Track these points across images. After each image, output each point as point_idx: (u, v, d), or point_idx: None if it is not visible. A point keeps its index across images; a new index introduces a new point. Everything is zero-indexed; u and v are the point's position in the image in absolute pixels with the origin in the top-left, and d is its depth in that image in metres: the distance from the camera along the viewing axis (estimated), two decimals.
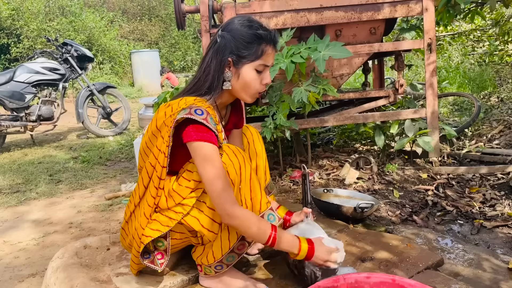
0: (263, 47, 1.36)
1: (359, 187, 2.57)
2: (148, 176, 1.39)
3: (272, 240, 1.30)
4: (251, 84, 1.39)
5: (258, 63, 1.37)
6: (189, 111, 1.26)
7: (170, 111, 1.35)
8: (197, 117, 1.25)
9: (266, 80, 1.41)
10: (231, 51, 1.36)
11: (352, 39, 2.86)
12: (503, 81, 6.18)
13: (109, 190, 3.03)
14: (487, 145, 3.24)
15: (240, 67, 1.37)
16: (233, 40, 1.35)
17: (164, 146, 1.33)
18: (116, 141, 5.08)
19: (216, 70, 1.37)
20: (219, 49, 1.37)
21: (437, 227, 2.06)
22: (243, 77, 1.38)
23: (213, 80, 1.38)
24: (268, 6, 2.67)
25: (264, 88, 1.42)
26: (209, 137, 1.26)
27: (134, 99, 9.86)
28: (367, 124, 3.28)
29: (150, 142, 1.41)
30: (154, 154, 1.37)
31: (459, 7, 3.18)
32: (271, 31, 1.39)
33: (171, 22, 15.28)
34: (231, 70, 1.38)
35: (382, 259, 1.61)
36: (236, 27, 1.37)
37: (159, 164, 1.35)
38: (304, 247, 1.34)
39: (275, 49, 1.42)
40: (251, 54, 1.35)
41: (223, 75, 1.37)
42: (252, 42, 1.35)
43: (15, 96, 4.87)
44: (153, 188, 1.37)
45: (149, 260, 1.40)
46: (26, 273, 1.86)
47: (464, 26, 8.24)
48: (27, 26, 10.59)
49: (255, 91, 1.41)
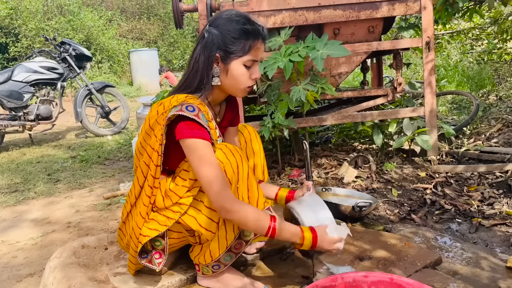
0: (250, 42, 1.34)
1: (357, 186, 2.57)
2: (143, 175, 1.38)
3: (271, 231, 1.29)
4: (239, 79, 1.37)
5: (247, 58, 1.35)
6: (180, 108, 1.26)
7: (162, 109, 1.35)
8: (188, 113, 1.25)
9: (255, 75, 1.39)
10: (219, 47, 1.34)
11: (351, 37, 2.86)
12: (501, 79, 6.18)
13: (108, 190, 3.03)
14: (485, 143, 3.24)
15: (228, 62, 1.35)
16: (220, 35, 1.34)
17: (157, 145, 1.33)
18: (115, 140, 5.07)
19: (204, 66, 1.36)
20: (206, 45, 1.36)
21: (436, 226, 2.06)
22: (232, 73, 1.36)
23: (202, 76, 1.36)
24: (266, 4, 2.66)
25: (253, 82, 1.41)
26: (201, 134, 1.25)
27: (132, 98, 9.85)
28: (366, 123, 3.28)
29: (144, 142, 1.41)
30: (148, 153, 1.37)
31: (457, 6, 3.18)
32: (258, 25, 1.37)
33: (169, 21, 15.23)
34: (220, 65, 1.37)
35: (380, 258, 1.61)
36: (223, 22, 1.36)
37: (153, 163, 1.34)
38: (307, 236, 1.33)
39: (264, 44, 1.40)
40: (239, 49, 1.34)
41: (211, 71, 1.36)
42: (239, 37, 1.33)
43: (13, 95, 4.86)
44: (148, 188, 1.36)
45: (146, 259, 1.40)
46: (24, 272, 1.85)
47: (463, 25, 8.23)
48: (25, 25, 10.56)
49: (244, 86, 1.39)
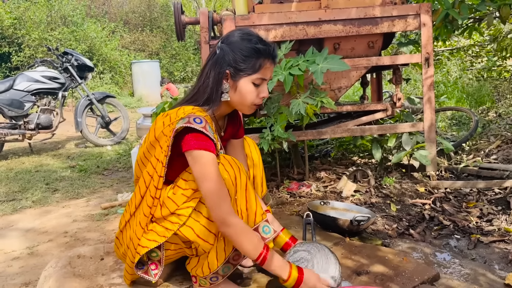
0: (261, 61, 1.37)
1: (356, 200, 2.56)
2: (145, 185, 1.38)
3: (262, 259, 1.32)
4: (247, 96, 1.40)
5: (256, 77, 1.38)
6: (188, 120, 1.27)
7: (168, 121, 1.35)
8: (196, 125, 1.26)
9: (264, 93, 1.42)
10: (229, 64, 1.37)
11: (351, 52, 2.89)
12: (501, 96, 6.22)
13: (105, 200, 3.02)
14: (484, 160, 3.25)
15: (238, 79, 1.38)
16: (231, 52, 1.37)
17: (162, 156, 1.33)
18: (114, 150, 5.07)
19: (214, 82, 1.38)
20: (217, 61, 1.38)
21: (434, 242, 2.05)
22: (240, 90, 1.39)
23: (212, 91, 1.39)
24: (267, 18, 2.69)
25: (261, 101, 1.43)
26: (208, 146, 1.27)
27: (133, 109, 9.88)
28: (365, 137, 3.28)
29: (148, 152, 1.41)
30: (152, 164, 1.37)
31: (456, 23, 3.21)
32: (270, 45, 1.40)
33: (172, 33, 15.38)
34: (229, 82, 1.39)
35: (378, 272, 1.60)
36: (235, 40, 1.39)
37: (156, 174, 1.35)
38: (294, 274, 1.34)
39: (274, 63, 1.43)
40: (249, 67, 1.36)
41: (221, 87, 1.38)
42: (250, 56, 1.36)
43: (14, 104, 4.87)
44: (149, 198, 1.36)
45: (142, 270, 1.39)
46: (19, 282, 1.84)
47: (463, 42, 8.31)
48: (28, 35, 10.65)
49: (251, 103, 1.42)
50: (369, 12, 2.72)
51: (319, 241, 1.75)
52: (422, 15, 2.76)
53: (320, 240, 1.85)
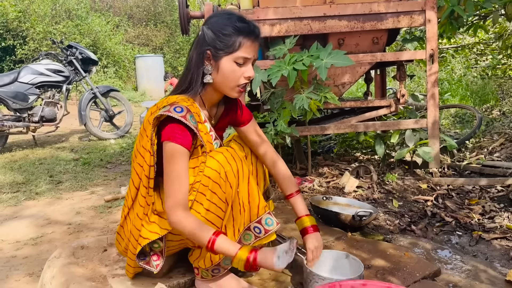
0: (241, 39, 1.35)
1: (358, 196, 2.57)
2: (138, 176, 1.39)
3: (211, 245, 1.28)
4: (230, 76, 1.37)
5: (237, 55, 1.35)
6: (169, 109, 1.27)
7: (154, 109, 1.37)
8: (175, 114, 1.26)
9: (249, 73, 1.39)
10: (209, 43, 1.35)
11: (355, 48, 2.88)
12: (505, 94, 6.19)
13: (109, 192, 3.03)
14: (487, 157, 3.24)
15: (219, 59, 1.36)
16: (211, 32, 1.36)
17: (149, 145, 1.34)
18: (118, 144, 5.09)
19: (196, 64, 1.38)
20: (198, 43, 1.38)
21: (436, 238, 2.06)
22: (222, 70, 1.37)
23: (193, 73, 1.38)
24: (272, 13, 2.69)
25: (245, 81, 1.40)
26: (181, 139, 1.27)
27: (137, 103, 9.89)
28: (368, 133, 3.28)
29: (138, 144, 1.42)
30: (141, 154, 1.37)
31: (462, 20, 3.20)
32: (250, 23, 1.38)
33: (176, 28, 15.36)
34: (211, 63, 1.38)
35: (379, 267, 1.60)
36: (215, 20, 1.38)
37: (146, 163, 1.35)
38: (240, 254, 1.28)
39: (256, 42, 1.39)
40: (228, 46, 1.34)
41: (202, 68, 1.37)
42: (229, 34, 1.34)
43: (18, 96, 4.89)
44: (143, 188, 1.37)
45: (145, 261, 1.40)
46: (23, 271, 1.86)
47: (468, 39, 8.27)
48: (33, 29, 10.66)
49: (235, 84, 1.39)
50: (374, 8, 2.71)
51: (322, 235, 1.75)
52: (428, 11, 2.75)
53: (322, 235, 1.85)
